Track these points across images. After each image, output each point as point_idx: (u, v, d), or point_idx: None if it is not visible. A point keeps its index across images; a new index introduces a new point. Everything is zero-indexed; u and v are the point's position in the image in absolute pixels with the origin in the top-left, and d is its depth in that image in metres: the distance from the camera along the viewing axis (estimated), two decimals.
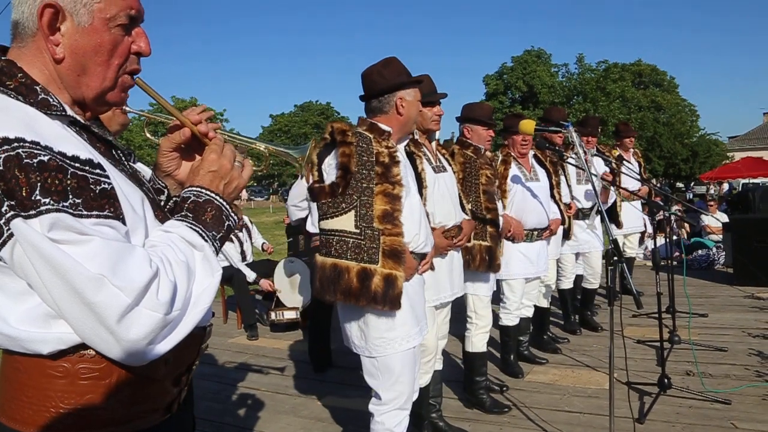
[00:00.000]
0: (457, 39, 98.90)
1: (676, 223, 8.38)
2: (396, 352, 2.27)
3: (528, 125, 3.13)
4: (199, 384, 3.85)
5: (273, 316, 5.50)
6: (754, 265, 6.54)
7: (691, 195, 27.64)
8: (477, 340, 3.47)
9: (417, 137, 2.85)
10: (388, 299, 2.18)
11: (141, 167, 1.24)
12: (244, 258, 5.88)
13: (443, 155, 3.11)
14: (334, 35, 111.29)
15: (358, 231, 2.20)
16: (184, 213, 1.06)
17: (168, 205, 1.24)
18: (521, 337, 4.27)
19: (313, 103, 52.44)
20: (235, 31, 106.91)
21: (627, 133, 5.97)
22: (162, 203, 1.24)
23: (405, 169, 2.40)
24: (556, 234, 4.29)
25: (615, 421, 2.50)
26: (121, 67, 1.04)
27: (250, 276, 5.57)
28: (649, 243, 8.70)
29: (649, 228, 7.67)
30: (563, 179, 4.59)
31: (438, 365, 3.07)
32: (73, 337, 0.92)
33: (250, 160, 1.23)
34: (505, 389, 3.75)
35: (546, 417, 3.31)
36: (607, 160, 5.09)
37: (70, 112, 1.00)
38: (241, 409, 3.70)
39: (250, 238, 6.22)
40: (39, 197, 0.83)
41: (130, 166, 1.13)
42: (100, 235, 0.87)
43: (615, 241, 2.50)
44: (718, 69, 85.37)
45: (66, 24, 0.97)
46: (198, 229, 1.04)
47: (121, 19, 1.00)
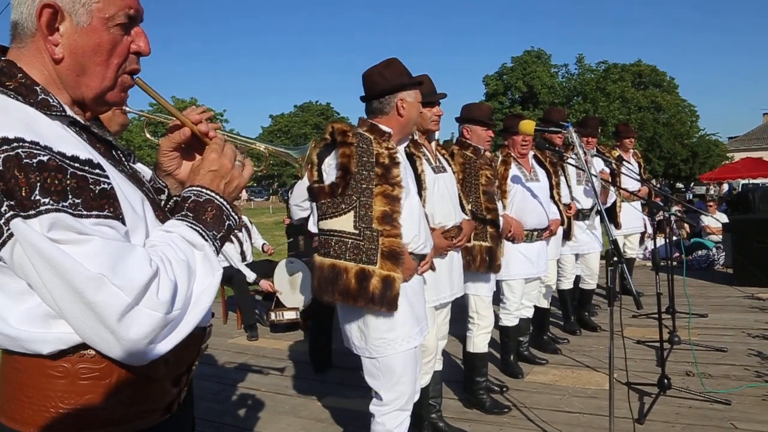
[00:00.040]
0: (456, 39, 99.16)
1: (675, 224, 8.38)
2: (396, 353, 2.27)
3: (528, 126, 3.13)
4: (199, 384, 3.85)
5: (273, 316, 5.50)
6: (754, 265, 6.54)
7: (690, 195, 27.67)
8: (479, 341, 3.47)
9: (416, 138, 2.85)
10: (386, 301, 2.19)
11: (141, 168, 1.24)
12: (243, 258, 5.88)
13: (443, 155, 3.11)
14: (333, 35, 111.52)
15: (357, 232, 2.20)
16: (184, 212, 1.06)
17: (168, 205, 1.24)
18: (521, 338, 4.27)
19: (313, 104, 52.47)
20: (234, 31, 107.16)
21: (627, 133, 5.97)
22: (162, 203, 1.24)
23: (405, 171, 2.40)
24: (555, 234, 4.30)
25: (615, 421, 2.49)
26: (120, 66, 1.04)
27: (250, 276, 5.57)
28: (649, 243, 8.71)
29: (648, 228, 7.68)
30: (563, 180, 4.60)
31: (438, 366, 3.07)
32: (73, 337, 0.92)
33: (250, 160, 1.22)
34: (505, 390, 3.75)
35: (546, 417, 3.31)
36: (607, 161, 5.10)
37: (69, 112, 1.00)
38: (241, 409, 3.70)
39: (249, 239, 6.22)
40: (39, 197, 0.83)
41: (130, 167, 1.13)
42: (100, 235, 0.87)
43: (615, 242, 2.50)
44: (718, 69, 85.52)
45: (65, 24, 0.97)
46: (198, 228, 1.04)
47: (119, 19, 1.00)
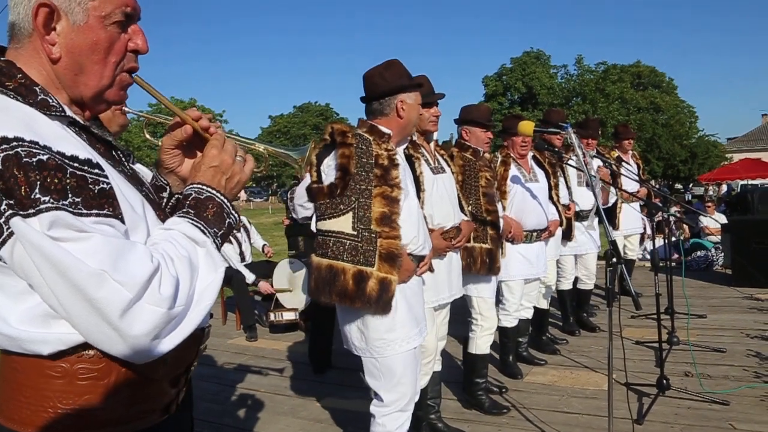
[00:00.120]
0: (456, 40, 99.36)
1: (675, 225, 8.38)
2: (396, 353, 2.27)
3: (527, 126, 3.13)
4: (198, 385, 3.85)
5: (272, 317, 5.50)
6: (753, 266, 6.54)
7: (689, 196, 27.71)
8: (482, 342, 3.46)
9: (415, 139, 2.85)
10: (381, 303, 2.19)
11: (141, 168, 1.24)
12: (242, 259, 5.88)
13: (442, 156, 3.10)
14: (333, 35, 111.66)
15: (355, 233, 2.19)
16: (185, 210, 1.06)
17: (170, 203, 1.25)
18: (520, 339, 4.27)
19: (313, 104, 52.51)
20: (234, 32, 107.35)
21: (626, 135, 5.97)
22: (164, 201, 1.24)
23: (404, 172, 2.40)
24: (554, 235, 4.30)
25: (614, 422, 2.50)
26: (118, 64, 1.04)
27: (249, 277, 5.57)
28: (648, 244, 8.71)
29: (648, 229, 7.68)
30: (562, 180, 4.60)
31: (437, 366, 3.07)
32: (73, 338, 0.92)
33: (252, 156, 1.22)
34: (504, 390, 3.75)
35: (545, 418, 3.31)
36: (607, 162, 5.10)
37: (69, 112, 1.00)
38: (240, 410, 3.70)
39: (248, 239, 6.22)
40: (38, 195, 0.83)
41: (129, 167, 1.13)
42: (100, 233, 0.87)
43: (614, 243, 2.50)
44: (717, 70, 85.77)
45: (61, 23, 0.97)
46: (200, 225, 1.04)
47: (116, 17, 1.00)
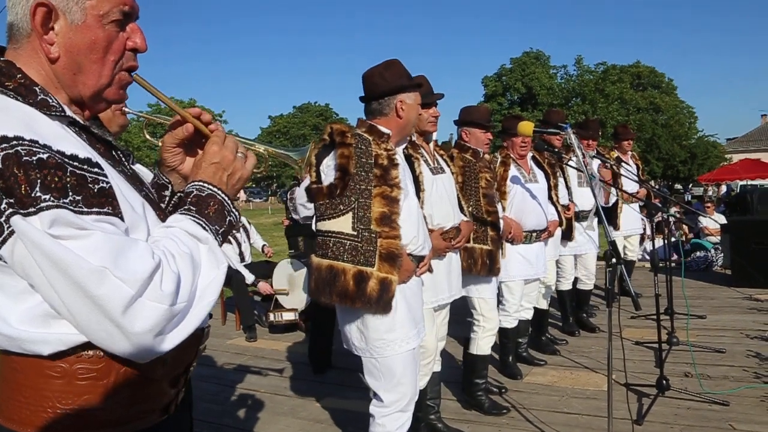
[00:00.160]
0: (456, 40, 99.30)
1: (674, 225, 8.38)
2: (396, 354, 2.27)
3: (526, 127, 3.13)
4: (198, 385, 3.84)
5: (272, 317, 5.50)
6: (752, 266, 6.55)
7: (689, 197, 27.72)
8: (483, 343, 3.45)
9: (414, 139, 2.85)
10: (382, 303, 2.19)
11: (141, 169, 1.24)
12: (242, 259, 5.88)
13: (441, 156, 3.10)
14: (333, 36, 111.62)
15: (355, 233, 2.19)
16: (187, 207, 1.06)
17: (173, 201, 1.25)
18: (520, 339, 4.26)
19: (312, 105, 52.48)
20: (233, 32, 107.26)
21: (625, 135, 5.97)
22: (166, 199, 1.25)
23: (403, 172, 2.39)
24: (554, 236, 4.30)
25: (613, 422, 2.49)
26: (116, 63, 1.04)
27: (249, 278, 5.56)
28: (648, 245, 8.71)
29: (647, 230, 7.68)
30: (561, 181, 4.60)
31: (436, 367, 3.06)
32: (73, 338, 0.92)
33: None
34: (503, 391, 3.74)
35: (544, 418, 3.31)
36: (606, 162, 5.10)
37: (69, 112, 1.00)
38: (240, 410, 3.70)
39: (248, 239, 6.22)
40: (39, 194, 0.83)
41: (130, 167, 1.13)
42: (101, 230, 0.87)
43: (613, 243, 2.50)
44: (717, 71, 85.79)
45: (59, 23, 0.97)
46: (202, 222, 1.04)
47: (114, 15, 1.00)
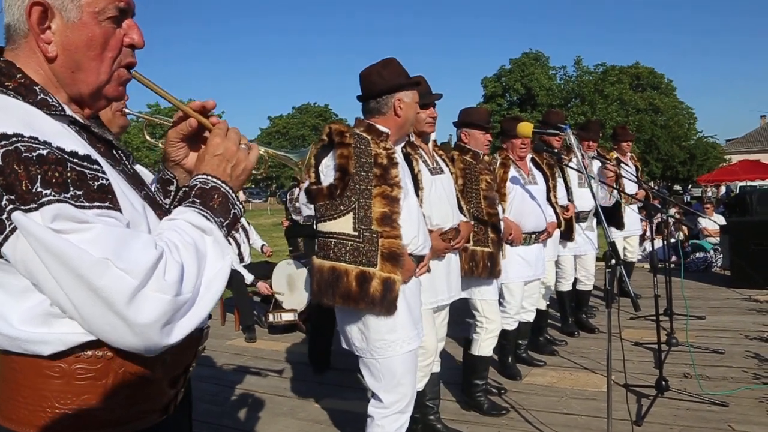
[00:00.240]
0: (455, 41, 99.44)
1: (674, 226, 8.39)
2: (398, 354, 2.25)
3: (526, 128, 3.13)
4: (198, 386, 3.84)
5: (271, 318, 5.50)
6: (752, 267, 6.55)
7: (688, 197, 27.75)
8: (485, 345, 3.44)
9: (413, 139, 2.84)
10: (386, 303, 2.17)
11: (141, 170, 1.24)
12: (241, 260, 5.87)
13: (440, 156, 3.09)
14: (332, 36, 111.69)
15: (356, 234, 2.18)
16: (191, 200, 1.05)
17: (178, 196, 1.24)
18: (520, 341, 4.26)
19: (311, 105, 52.47)
20: (233, 32, 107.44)
21: (625, 136, 5.98)
22: (171, 193, 1.25)
23: (402, 171, 2.38)
24: (552, 236, 4.30)
25: (613, 423, 2.49)
26: (115, 60, 1.04)
27: (248, 278, 5.56)
28: (648, 246, 8.72)
29: (647, 230, 7.69)
30: (561, 181, 4.60)
31: (436, 367, 3.06)
32: (73, 338, 0.92)
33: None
34: (503, 391, 3.74)
35: (544, 419, 3.31)
36: (607, 163, 5.11)
37: (69, 111, 1.00)
38: (240, 411, 3.69)
39: (247, 240, 6.22)
40: (40, 189, 0.83)
41: (130, 167, 1.13)
42: (103, 223, 0.87)
43: (613, 244, 2.51)
44: (716, 72, 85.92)
45: (55, 21, 0.97)
46: (206, 213, 1.03)
47: (110, 12, 1.00)
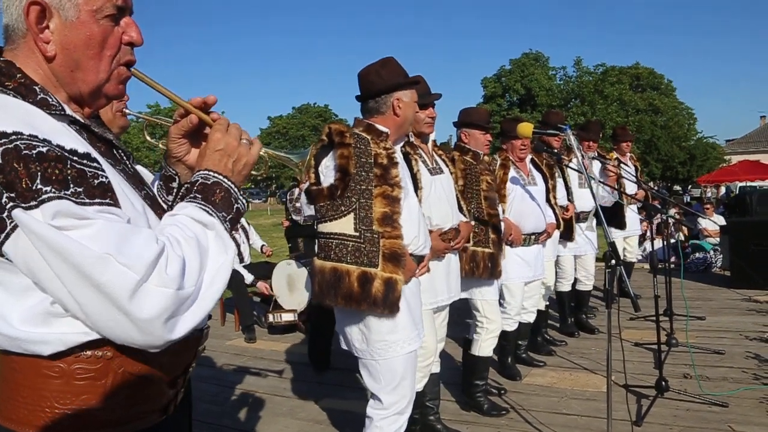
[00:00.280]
0: (455, 41, 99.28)
1: (674, 227, 8.39)
2: (398, 355, 2.24)
3: (526, 128, 3.14)
4: (198, 386, 3.84)
5: (271, 318, 5.49)
6: (751, 268, 6.55)
7: (688, 198, 27.76)
8: (486, 345, 3.44)
9: (412, 140, 2.84)
10: (388, 303, 2.16)
11: (141, 170, 1.24)
12: (241, 260, 5.87)
13: (440, 156, 3.07)
14: (332, 36, 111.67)
15: (357, 234, 2.17)
16: (192, 195, 1.05)
17: (180, 193, 1.25)
18: (520, 341, 4.26)
19: (311, 106, 52.40)
20: (233, 32, 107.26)
21: (624, 137, 5.99)
22: (174, 190, 1.25)
23: (403, 171, 2.37)
24: (552, 237, 4.30)
25: (612, 423, 2.50)
26: (114, 58, 1.03)
27: (248, 278, 5.56)
28: (648, 246, 8.72)
29: (647, 231, 7.69)
30: (560, 182, 4.60)
31: (436, 368, 3.06)
32: (73, 338, 0.92)
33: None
34: (503, 392, 3.74)
35: (544, 420, 3.31)
36: (607, 164, 5.11)
37: (69, 111, 1.00)
38: (239, 411, 3.69)
39: (247, 240, 6.22)
40: (40, 186, 0.83)
41: (131, 166, 1.13)
42: (103, 219, 0.87)
43: (612, 244, 2.51)
44: (716, 72, 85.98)
45: (54, 21, 0.97)
46: (207, 208, 1.03)
47: (108, 10, 1.00)
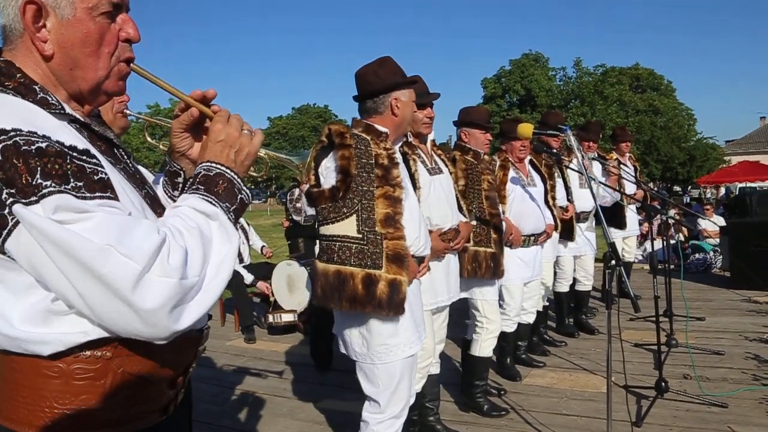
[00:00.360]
0: (455, 42, 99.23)
1: (673, 227, 8.38)
2: (398, 359, 2.23)
3: (526, 129, 3.13)
4: (197, 387, 3.82)
5: (271, 318, 5.49)
6: (751, 268, 6.56)
7: (687, 199, 27.76)
8: (486, 345, 3.43)
9: (411, 140, 2.83)
10: (393, 305, 2.14)
11: (142, 170, 1.24)
12: (241, 260, 5.87)
13: (439, 156, 3.06)
14: (332, 36, 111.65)
15: (360, 236, 2.15)
16: (195, 186, 1.05)
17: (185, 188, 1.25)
18: (520, 342, 4.26)
19: (311, 106, 52.34)
20: (232, 32, 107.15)
21: (623, 137, 6.00)
22: (180, 186, 1.26)
23: (403, 171, 2.36)
24: (551, 237, 4.30)
25: (612, 424, 2.50)
26: (112, 55, 1.03)
27: (248, 278, 5.56)
28: (648, 246, 8.72)
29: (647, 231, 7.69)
30: (560, 182, 4.60)
31: (435, 369, 3.05)
32: (72, 338, 0.92)
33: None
34: (502, 392, 3.74)
35: (543, 420, 3.31)
36: (607, 164, 5.11)
37: (68, 110, 1.00)
38: (239, 411, 3.69)
39: (247, 240, 6.21)
40: (40, 181, 0.83)
41: (132, 165, 1.13)
42: (104, 212, 0.87)
43: (612, 245, 2.51)
44: (716, 73, 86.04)
45: (50, 19, 0.97)
46: (210, 199, 1.03)
47: (104, 7, 1.00)
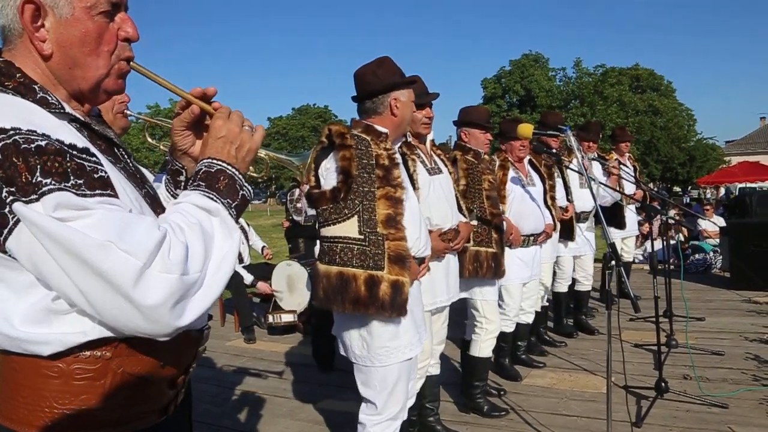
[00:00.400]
0: (455, 42, 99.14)
1: (673, 228, 8.39)
2: (397, 362, 2.22)
3: (526, 129, 3.13)
4: (197, 387, 3.83)
5: (271, 319, 5.49)
6: (751, 269, 6.56)
7: (687, 199, 27.77)
8: (485, 345, 3.43)
9: (410, 140, 2.83)
10: (396, 306, 2.13)
11: (142, 170, 1.24)
12: (241, 261, 5.87)
13: (438, 156, 3.05)
14: (332, 37, 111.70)
15: (362, 237, 2.14)
16: (196, 183, 1.05)
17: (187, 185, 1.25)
18: (519, 342, 4.26)
19: (311, 107, 52.34)
20: (232, 33, 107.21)
21: (623, 137, 6.01)
22: (182, 184, 1.25)
23: (403, 171, 2.36)
24: (551, 237, 4.29)
25: (612, 425, 2.50)
26: (112, 53, 1.03)
27: (248, 279, 5.56)
28: (648, 246, 8.72)
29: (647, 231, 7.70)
30: (559, 182, 4.60)
31: (435, 369, 3.05)
32: (72, 338, 0.93)
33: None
34: (502, 393, 3.74)
35: (543, 421, 3.31)
36: (607, 164, 5.12)
37: (68, 109, 1.00)
38: (239, 412, 3.69)
39: (247, 241, 6.21)
40: (40, 179, 0.83)
41: (132, 165, 1.13)
42: (104, 209, 0.87)
43: (612, 245, 2.50)
44: (716, 73, 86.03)
45: (49, 19, 0.97)
46: (211, 195, 1.02)
47: (102, 6, 1.00)
